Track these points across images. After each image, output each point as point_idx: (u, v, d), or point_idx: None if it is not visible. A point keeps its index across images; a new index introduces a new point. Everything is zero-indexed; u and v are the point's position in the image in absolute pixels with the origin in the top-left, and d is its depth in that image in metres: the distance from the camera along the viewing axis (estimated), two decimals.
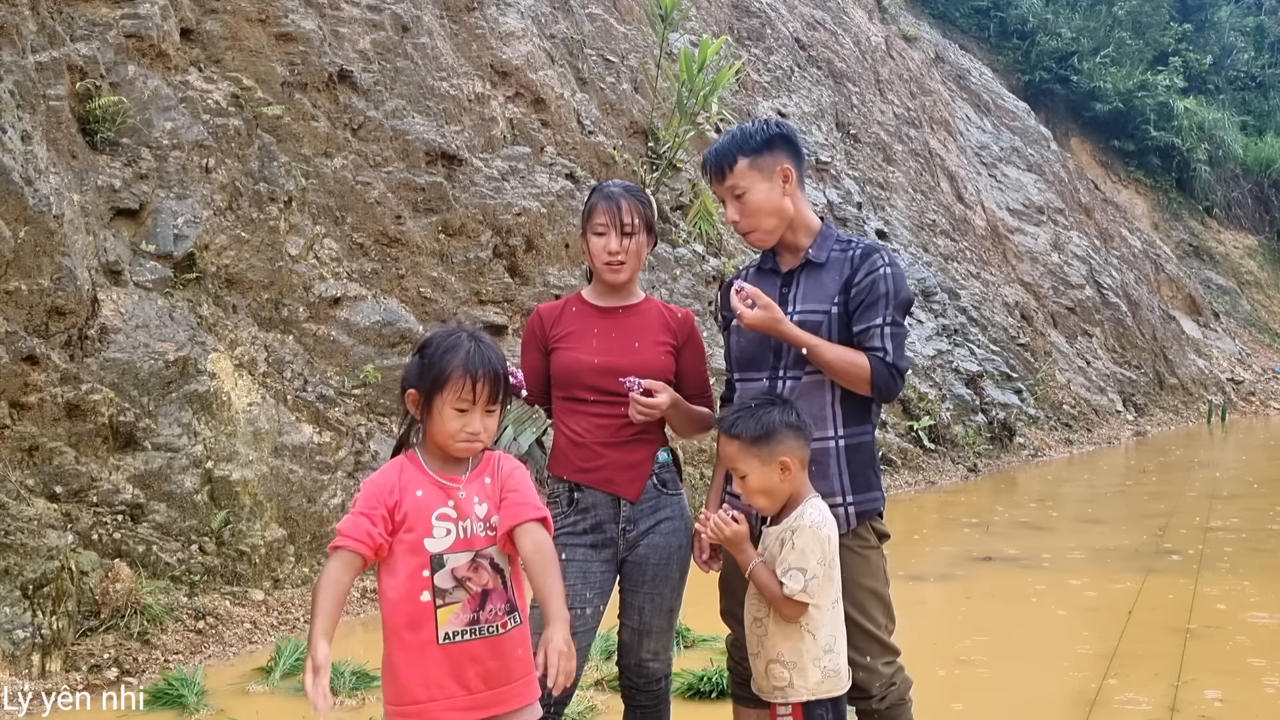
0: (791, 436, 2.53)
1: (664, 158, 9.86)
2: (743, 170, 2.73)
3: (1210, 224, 27.74)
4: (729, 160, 2.74)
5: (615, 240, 2.83)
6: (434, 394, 2.18)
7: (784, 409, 2.55)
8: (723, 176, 2.76)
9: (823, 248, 2.78)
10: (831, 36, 16.58)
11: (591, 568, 2.79)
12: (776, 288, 2.80)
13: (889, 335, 2.67)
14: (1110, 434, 15.36)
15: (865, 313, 2.68)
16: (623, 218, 2.83)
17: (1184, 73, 27.68)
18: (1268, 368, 23.21)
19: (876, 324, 2.67)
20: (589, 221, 2.89)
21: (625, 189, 2.91)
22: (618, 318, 2.90)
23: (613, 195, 2.87)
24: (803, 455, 2.55)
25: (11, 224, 4.62)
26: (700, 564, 2.93)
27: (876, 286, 2.68)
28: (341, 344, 6.41)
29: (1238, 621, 5.43)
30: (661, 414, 2.76)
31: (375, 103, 7.33)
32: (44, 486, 4.63)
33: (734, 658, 2.93)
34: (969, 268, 15.69)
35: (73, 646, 4.33)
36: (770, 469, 2.52)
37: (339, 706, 4.10)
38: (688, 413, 2.86)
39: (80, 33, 5.73)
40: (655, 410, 2.73)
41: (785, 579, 2.47)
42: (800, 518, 2.52)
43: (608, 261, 2.84)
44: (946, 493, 10.25)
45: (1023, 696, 4.35)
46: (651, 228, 2.93)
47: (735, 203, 2.76)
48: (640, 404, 2.72)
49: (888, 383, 2.67)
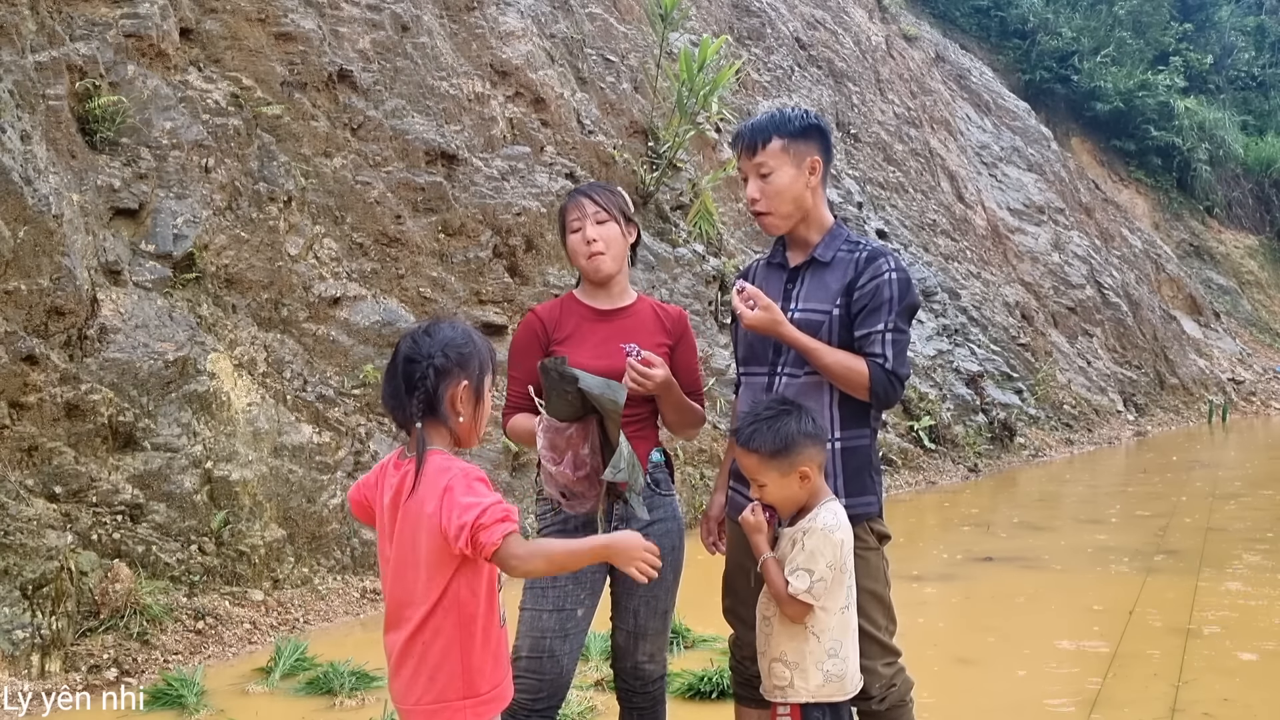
0: (810, 445, 2.53)
1: (664, 157, 9.85)
2: (775, 150, 2.73)
3: (1211, 224, 27.72)
4: (764, 136, 2.74)
5: (591, 228, 2.83)
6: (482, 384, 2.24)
7: (799, 417, 2.54)
8: (754, 151, 2.74)
9: (830, 246, 2.77)
10: (832, 36, 16.58)
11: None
12: (782, 283, 2.80)
13: (890, 342, 2.66)
14: (1111, 434, 15.36)
15: (867, 318, 2.67)
16: (590, 207, 2.84)
17: (1184, 72, 27.66)
18: (1268, 368, 23.19)
19: (878, 330, 2.66)
20: (564, 222, 2.90)
21: (592, 184, 2.96)
22: (614, 320, 2.88)
23: (580, 191, 2.92)
24: (820, 461, 2.56)
25: (11, 224, 4.62)
26: (707, 544, 2.96)
27: (880, 292, 2.67)
28: (341, 344, 6.41)
29: (1238, 621, 5.43)
30: (656, 388, 2.74)
31: (375, 102, 7.33)
32: (43, 486, 4.63)
33: (736, 657, 2.93)
34: (969, 267, 15.69)
35: (72, 647, 4.33)
36: (790, 479, 2.53)
37: (339, 706, 4.10)
38: (679, 402, 2.84)
39: (80, 32, 5.72)
40: (650, 381, 2.71)
41: (791, 578, 2.47)
42: (814, 520, 2.53)
43: (588, 254, 2.83)
44: (947, 493, 10.24)
45: (1023, 696, 4.35)
46: (628, 217, 2.92)
47: (759, 181, 2.75)
48: (636, 370, 2.70)
49: (886, 390, 2.66)
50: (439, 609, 2.16)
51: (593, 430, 2.66)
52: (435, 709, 2.17)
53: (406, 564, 2.18)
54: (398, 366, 2.22)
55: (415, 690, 2.19)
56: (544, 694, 2.70)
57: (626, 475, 2.62)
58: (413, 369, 2.19)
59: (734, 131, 2.88)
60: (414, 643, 2.17)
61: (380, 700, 3.96)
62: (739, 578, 2.84)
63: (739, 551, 2.83)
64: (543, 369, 2.61)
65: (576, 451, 2.65)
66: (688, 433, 3.06)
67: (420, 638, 2.17)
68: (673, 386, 2.80)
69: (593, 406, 2.60)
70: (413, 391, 2.18)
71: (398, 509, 2.19)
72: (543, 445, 2.66)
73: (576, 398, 2.57)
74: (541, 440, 2.66)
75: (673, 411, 2.87)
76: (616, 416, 2.60)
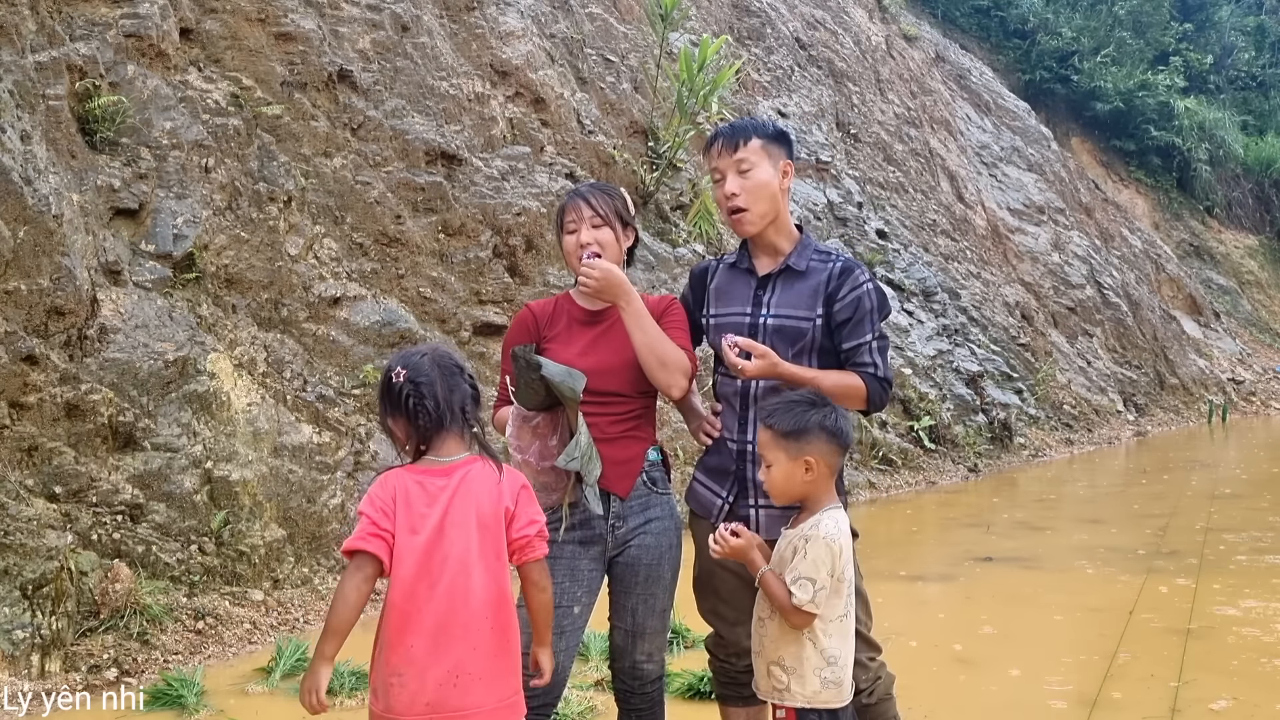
0: (824, 439, 2.54)
1: (664, 157, 9.85)
2: (755, 147, 2.81)
3: (1211, 224, 27.73)
4: (745, 135, 2.81)
5: (586, 233, 2.83)
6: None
7: (826, 412, 2.56)
8: (735, 148, 2.80)
9: (803, 256, 2.85)
10: (832, 36, 16.58)
11: (579, 564, 2.77)
12: (751, 289, 2.86)
13: (877, 350, 2.79)
14: (1111, 434, 15.35)
15: (853, 330, 2.78)
16: (586, 210, 2.84)
17: (1184, 72, 27.66)
18: (1268, 368, 23.20)
19: (866, 341, 2.78)
20: (560, 223, 2.90)
21: (592, 186, 2.95)
22: (603, 321, 2.88)
23: (579, 192, 2.90)
24: (831, 461, 2.56)
25: (11, 224, 4.62)
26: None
27: (861, 304, 2.78)
28: (341, 344, 6.41)
29: (1238, 621, 5.43)
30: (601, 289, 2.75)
31: (375, 102, 7.33)
32: (43, 486, 4.62)
33: (719, 657, 2.94)
34: (969, 267, 15.69)
35: (72, 647, 4.32)
36: (795, 465, 2.53)
37: (339, 706, 4.10)
38: (660, 335, 2.81)
39: (80, 32, 5.72)
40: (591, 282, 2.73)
41: (794, 588, 2.47)
42: (816, 527, 2.53)
43: (582, 257, 2.82)
44: (947, 493, 10.24)
45: (1023, 696, 4.35)
46: (626, 221, 2.91)
47: (738, 178, 2.80)
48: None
49: (880, 396, 2.81)
50: (511, 597, 2.35)
51: (561, 422, 2.68)
52: (519, 697, 2.37)
53: (492, 554, 2.33)
54: (450, 373, 2.38)
55: (505, 685, 2.33)
56: (539, 692, 2.70)
57: (580, 465, 2.63)
58: (460, 381, 2.38)
59: (710, 135, 2.92)
60: (506, 632, 2.33)
61: None
62: (719, 577, 2.85)
63: None
64: (512, 356, 2.66)
65: (544, 442, 2.68)
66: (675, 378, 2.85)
67: (509, 627, 2.33)
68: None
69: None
70: (465, 402, 2.38)
71: (464, 511, 2.32)
72: (511, 434, 2.70)
73: (540, 385, 2.61)
74: (510, 429, 2.70)
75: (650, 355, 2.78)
76: (575, 404, 2.62)
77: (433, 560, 2.27)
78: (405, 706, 2.24)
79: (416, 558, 2.27)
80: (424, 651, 2.25)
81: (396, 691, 2.26)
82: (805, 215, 12.11)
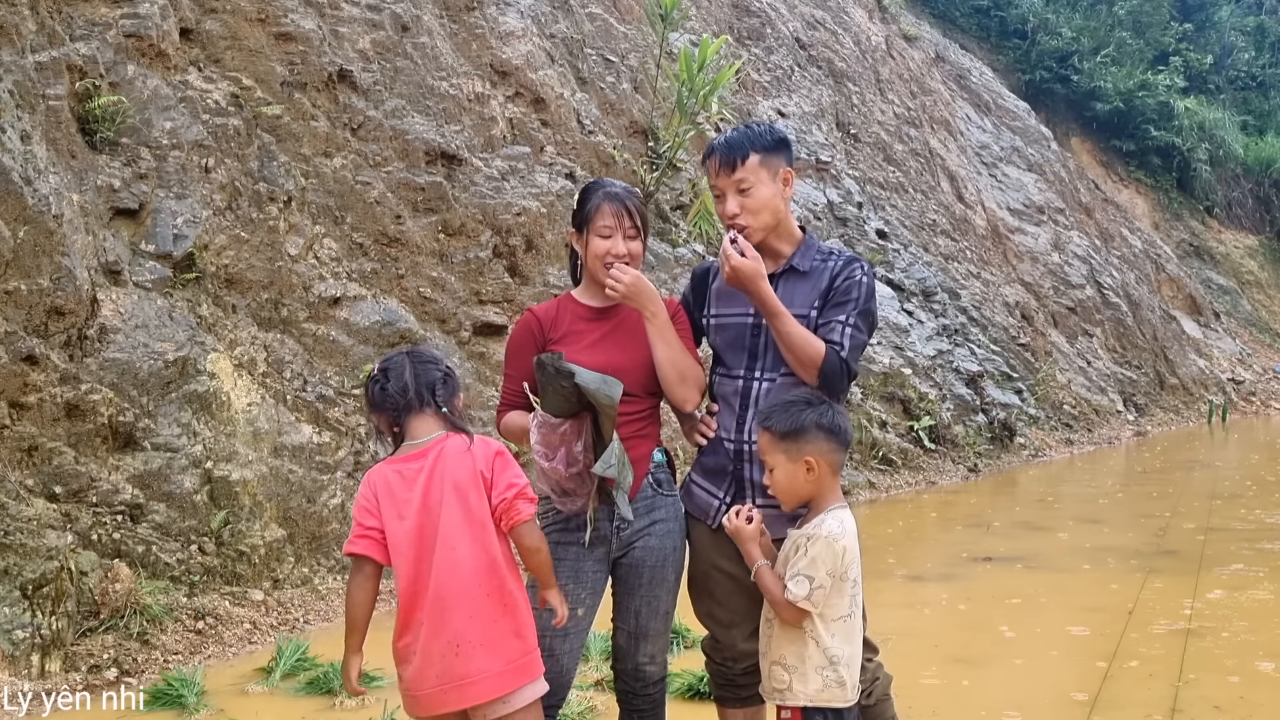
0: (822, 438, 2.53)
1: (664, 157, 9.85)
2: (753, 165, 2.76)
3: (1211, 224, 27.74)
4: (742, 153, 2.76)
5: (621, 244, 2.81)
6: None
7: (821, 410, 2.56)
8: (733, 169, 2.76)
9: (806, 257, 2.83)
10: (832, 36, 16.58)
11: (583, 566, 2.76)
12: None
13: (848, 334, 2.73)
14: (1111, 434, 15.35)
15: (832, 309, 2.75)
16: (627, 220, 2.82)
17: (1184, 72, 27.66)
18: (1268, 368, 23.20)
19: (840, 320, 2.74)
20: (592, 223, 2.82)
21: (627, 190, 2.89)
22: (613, 318, 2.88)
23: (618, 197, 2.83)
24: (832, 459, 2.56)
25: (11, 224, 4.62)
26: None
27: (850, 290, 2.76)
28: (341, 344, 6.41)
29: (1239, 622, 5.43)
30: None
31: (375, 102, 7.33)
32: (43, 486, 4.62)
33: (715, 660, 2.93)
34: (969, 267, 15.69)
35: (72, 647, 4.32)
36: (796, 467, 2.53)
37: (339, 706, 4.10)
38: (682, 349, 2.80)
39: (80, 32, 5.72)
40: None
41: (791, 583, 2.47)
42: (819, 526, 2.53)
43: (611, 265, 2.80)
44: (947, 493, 10.24)
45: (1023, 696, 4.34)
46: (649, 230, 2.93)
47: (739, 197, 2.77)
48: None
49: (836, 374, 2.69)
50: (508, 560, 2.47)
51: (586, 427, 2.66)
52: (530, 657, 2.47)
53: (477, 523, 2.43)
54: (421, 361, 2.58)
55: (510, 647, 2.43)
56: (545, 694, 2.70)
57: (615, 472, 2.62)
58: (431, 368, 2.56)
59: (707, 147, 2.88)
60: (503, 596, 2.43)
61: (380, 700, 3.95)
62: (714, 579, 2.83)
63: (712, 553, 2.83)
64: (539, 364, 2.61)
65: (569, 448, 2.65)
66: (691, 397, 2.87)
67: (505, 590, 2.44)
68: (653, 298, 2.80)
69: (587, 403, 2.60)
70: (434, 384, 2.54)
71: (441, 486, 2.44)
72: (536, 441, 2.66)
73: (572, 393, 2.58)
74: (535, 436, 2.66)
75: (674, 355, 2.79)
76: (612, 412, 2.60)
77: (424, 538, 2.42)
78: (419, 681, 2.41)
79: (410, 540, 2.42)
80: (427, 627, 2.41)
81: (410, 668, 2.43)
82: (805, 215, 12.11)
